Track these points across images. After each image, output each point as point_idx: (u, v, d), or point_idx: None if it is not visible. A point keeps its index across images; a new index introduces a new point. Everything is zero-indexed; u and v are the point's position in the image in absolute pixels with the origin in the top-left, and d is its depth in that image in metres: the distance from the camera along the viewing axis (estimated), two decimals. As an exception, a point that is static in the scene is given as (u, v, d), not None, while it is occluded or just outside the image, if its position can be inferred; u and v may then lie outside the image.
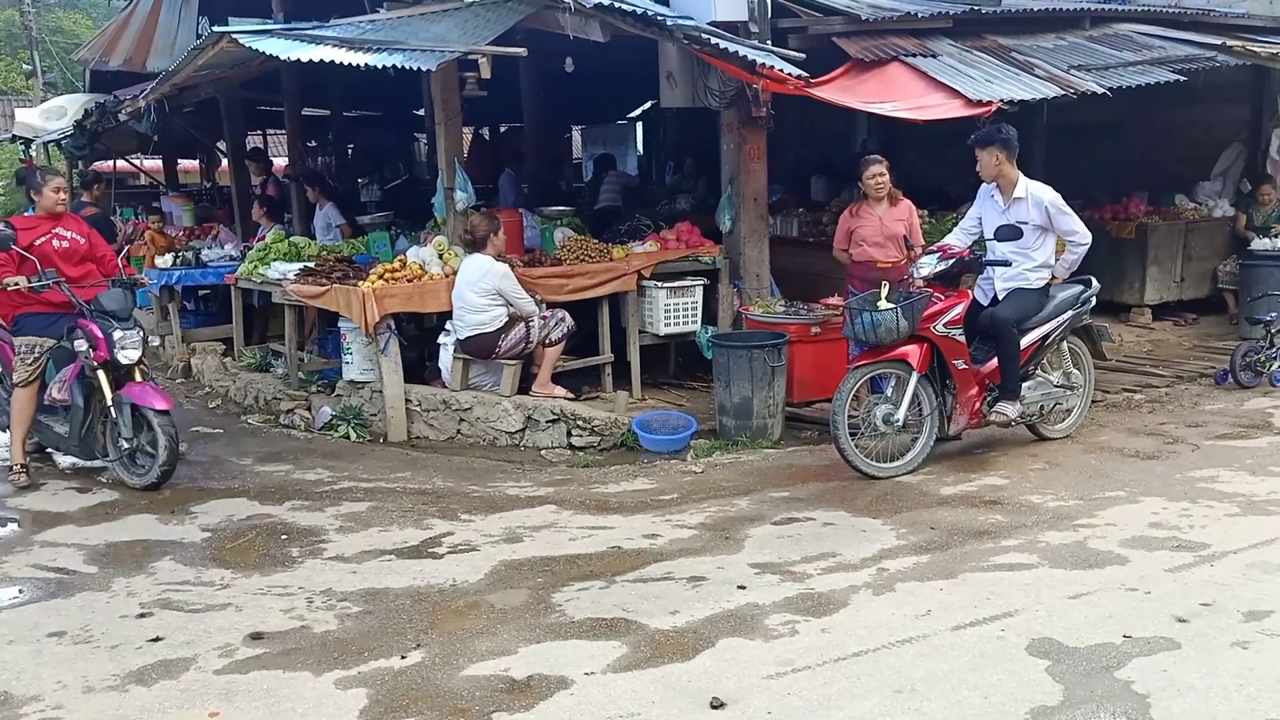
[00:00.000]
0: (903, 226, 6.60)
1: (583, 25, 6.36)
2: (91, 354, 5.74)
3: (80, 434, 5.94)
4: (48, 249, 5.92)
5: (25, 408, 5.99)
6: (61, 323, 5.93)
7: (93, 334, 5.74)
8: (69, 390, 5.88)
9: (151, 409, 5.72)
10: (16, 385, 5.97)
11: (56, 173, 6.06)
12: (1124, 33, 8.57)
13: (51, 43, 32.51)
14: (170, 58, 9.37)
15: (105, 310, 5.85)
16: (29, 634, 4.05)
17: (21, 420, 6.01)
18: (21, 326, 5.96)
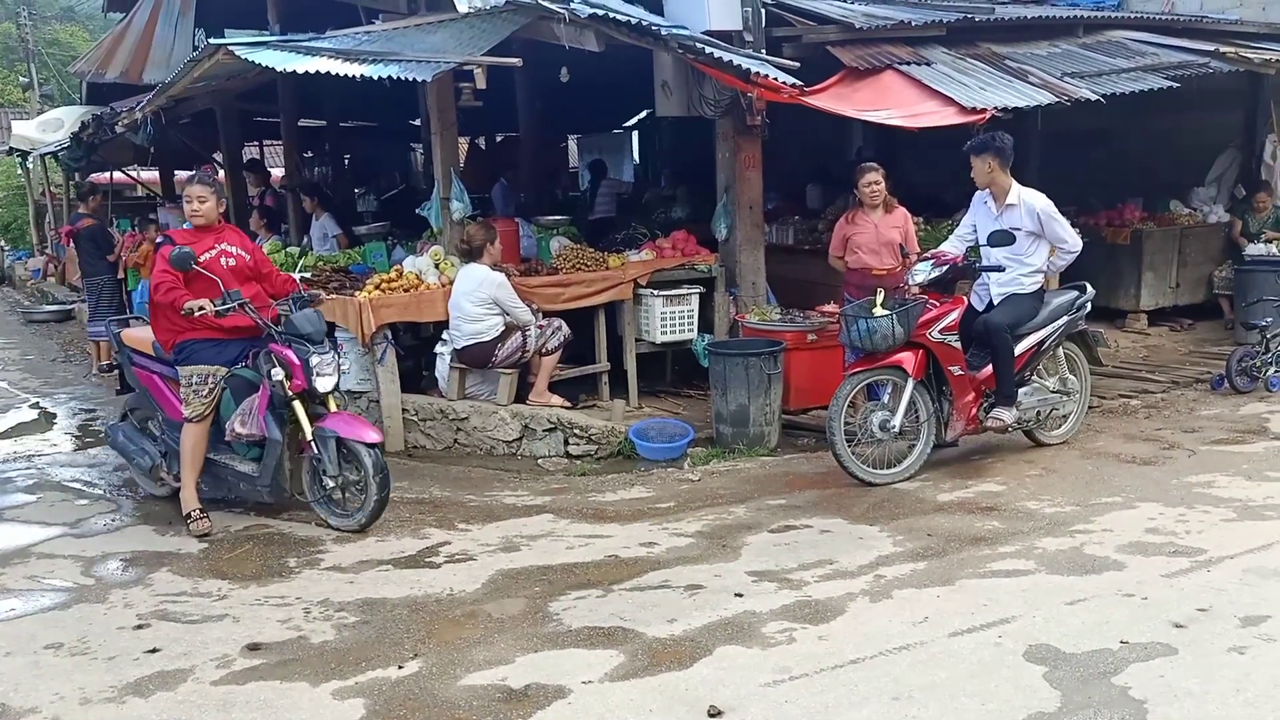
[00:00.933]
0: (898, 234, 6.63)
1: (578, 36, 6.38)
2: (286, 383, 5.10)
3: (274, 473, 5.24)
4: (215, 266, 5.22)
5: (199, 446, 5.28)
6: (232, 349, 5.27)
7: (288, 360, 5.09)
8: (260, 424, 5.14)
9: (361, 442, 5.11)
10: (189, 421, 5.23)
11: (197, 183, 5.36)
12: (1117, 40, 8.61)
13: (48, 55, 32.59)
14: (167, 70, 9.39)
15: (300, 333, 5.18)
16: (26, 646, 4.04)
17: (195, 460, 5.28)
18: (190, 355, 5.23)
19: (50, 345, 12.21)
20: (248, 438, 5.19)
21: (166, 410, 5.53)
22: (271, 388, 5.15)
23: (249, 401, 5.17)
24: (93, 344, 10.17)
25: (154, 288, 5.16)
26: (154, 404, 5.61)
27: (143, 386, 5.68)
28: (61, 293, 15.64)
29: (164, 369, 5.50)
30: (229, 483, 5.44)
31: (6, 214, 21.99)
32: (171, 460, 5.51)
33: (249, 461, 5.35)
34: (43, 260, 18.19)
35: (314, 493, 5.32)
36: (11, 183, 21.59)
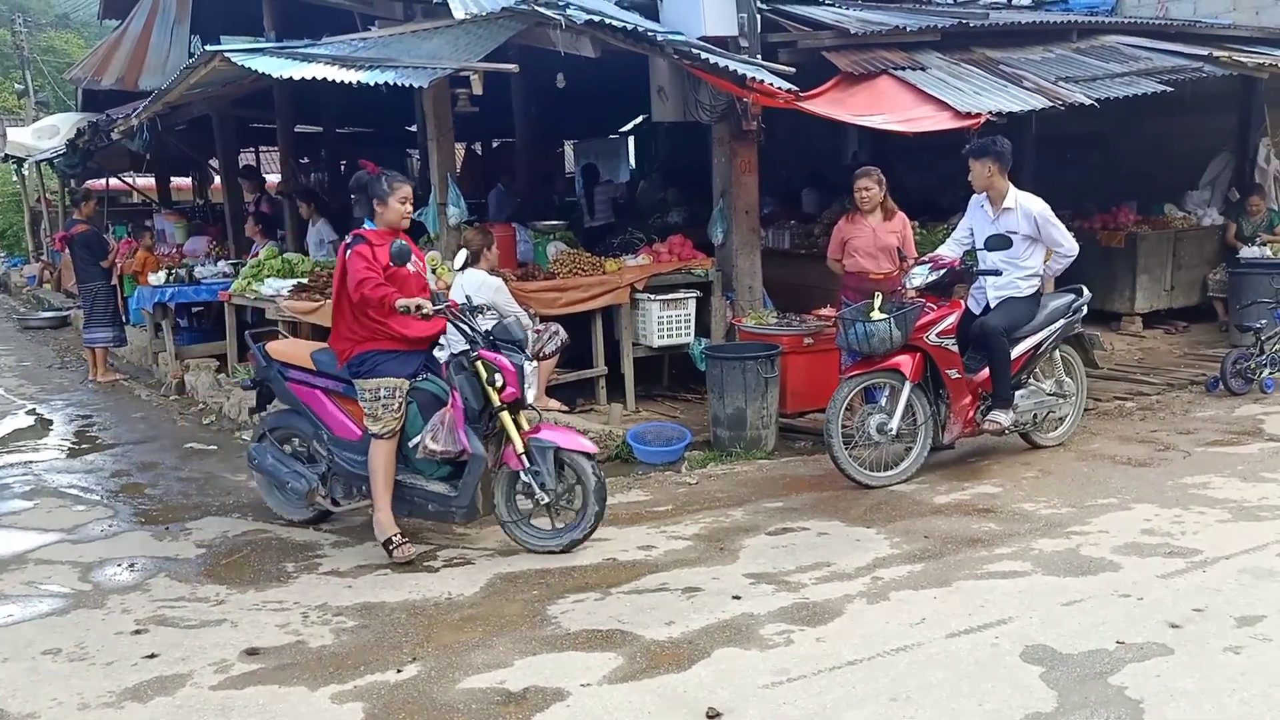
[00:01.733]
0: (896, 238, 6.63)
1: (574, 42, 6.40)
2: (497, 394, 4.79)
3: (474, 492, 4.87)
4: (402, 273, 4.89)
5: (391, 464, 4.90)
6: (413, 361, 4.93)
7: (503, 368, 4.78)
8: (460, 439, 4.74)
9: (582, 453, 4.86)
10: (378, 437, 4.84)
11: (406, 180, 5.04)
12: (1111, 44, 8.65)
13: (43, 62, 32.59)
14: (162, 76, 9.40)
15: (510, 340, 4.93)
16: (24, 651, 4.04)
17: (388, 480, 4.89)
18: (375, 367, 4.84)
19: (46, 352, 12.19)
20: (443, 455, 4.77)
21: (333, 428, 5.08)
22: (465, 400, 4.78)
23: (439, 416, 4.77)
24: (88, 350, 10.17)
25: (358, 283, 4.70)
26: (317, 422, 5.13)
27: (302, 404, 5.16)
28: (57, 299, 15.63)
29: (331, 383, 5.08)
30: (415, 504, 4.97)
31: (2, 221, 21.98)
32: (334, 482, 5.12)
33: (438, 481, 4.93)
34: (38, 267, 18.18)
35: (510, 512, 4.94)
36: (7, 190, 21.57)
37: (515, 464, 4.83)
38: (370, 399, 4.83)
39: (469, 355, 4.82)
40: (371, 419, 4.85)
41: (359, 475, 5.00)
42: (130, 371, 10.46)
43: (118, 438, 7.78)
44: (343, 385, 5.03)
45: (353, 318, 4.87)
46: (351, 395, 4.98)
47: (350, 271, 4.75)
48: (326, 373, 5.09)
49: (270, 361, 5.28)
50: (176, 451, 7.26)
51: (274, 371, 5.25)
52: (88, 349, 10.19)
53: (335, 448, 5.09)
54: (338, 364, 4.99)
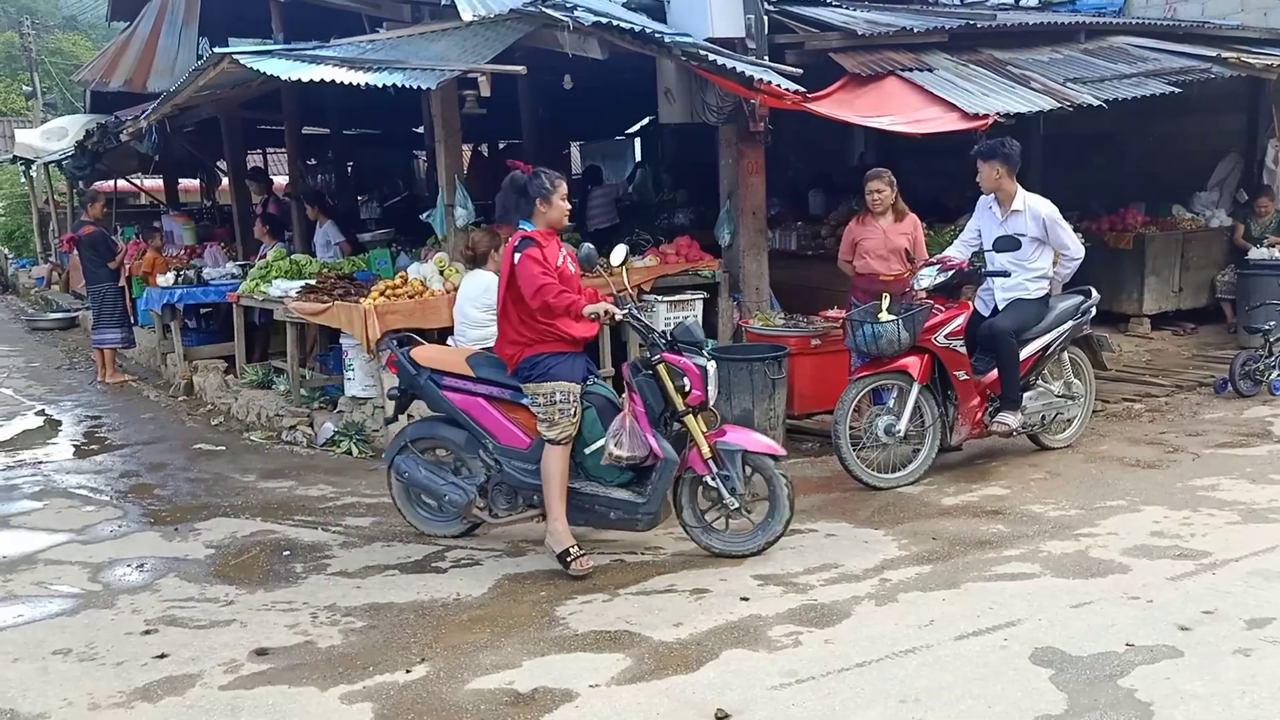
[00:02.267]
0: (906, 240, 6.60)
1: (581, 43, 6.41)
2: (682, 397, 4.65)
3: (661, 498, 4.71)
4: (566, 273, 4.73)
5: (566, 471, 4.69)
6: (580, 364, 4.76)
7: (689, 371, 4.65)
8: (649, 443, 4.60)
9: (770, 455, 4.76)
10: (555, 443, 4.64)
11: (561, 175, 4.85)
12: (1119, 45, 8.63)
13: (51, 64, 32.72)
14: (171, 78, 9.42)
15: (691, 340, 4.79)
16: (34, 651, 4.05)
17: (564, 488, 4.68)
18: (548, 370, 4.65)
19: (55, 353, 12.23)
20: (629, 460, 4.61)
21: (499, 436, 4.86)
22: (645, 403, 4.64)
23: (619, 421, 4.63)
24: (97, 352, 10.20)
25: (537, 290, 4.52)
26: (480, 431, 4.88)
27: (461, 412, 4.91)
28: (65, 300, 15.68)
29: (494, 389, 4.87)
30: (595, 512, 4.76)
31: (10, 222, 22.03)
32: (496, 493, 4.92)
33: (620, 487, 4.75)
34: (46, 268, 18.24)
35: (694, 517, 4.82)
36: (15, 191, 21.64)
37: (701, 468, 4.70)
38: (545, 404, 4.64)
39: (649, 358, 4.67)
40: (547, 424, 4.64)
41: (530, 485, 4.79)
42: (138, 372, 10.49)
43: (126, 438, 7.81)
44: (509, 391, 4.82)
45: (519, 320, 4.69)
46: (517, 401, 4.81)
47: (524, 277, 4.54)
48: (488, 379, 4.88)
49: (420, 369, 5.01)
50: (185, 452, 7.28)
51: (424, 379, 4.98)
52: (96, 350, 10.23)
53: (503, 457, 4.86)
54: (507, 369, 4.79)
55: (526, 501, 4.88)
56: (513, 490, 4.89)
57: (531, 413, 4.75)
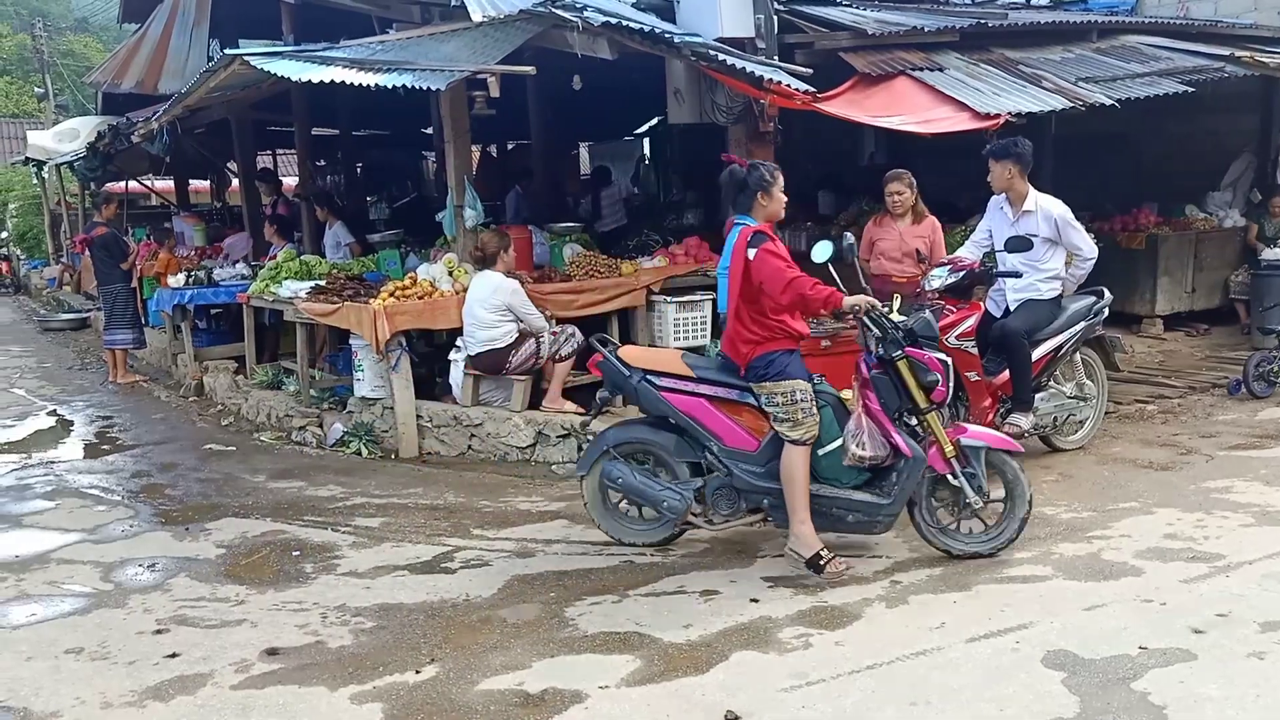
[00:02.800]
0: (923, 243, 6.56)
1: (591, 44, 6.40)
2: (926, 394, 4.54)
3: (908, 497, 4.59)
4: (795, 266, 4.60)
5: (808, 473, 4.50)
6: (801, 360, 4.61)
7: (935, 367, 4.53)
8: (897, 441, 4.50)
9: (1010, 452, 4.66)
10: (798, 444, 4.46)
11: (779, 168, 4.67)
12: (1131, 44, 8.59)
13: (63, 66, 32.88)
14: (181, 80, 9.46)
15: (930, 335, 4.64)
16: (47, 650, 4.07)
17: (807, 490, 4.50)
18: (784, 368, 4.48)
19: (66, 353, 12.29)
20: (872, 460, 4.47)
21: (724, 439, 4.68)
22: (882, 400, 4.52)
23: (856, 420, 4.50)
24: (108, 352, 10.24)
25: (788, 284, 4.35)
26: (704, 433, 4.70)
27: (681, 414, 4.71)
28: (77, 301, 15.76)
29: (718, 390, 4.70)
30: (832, 515, 4.59)
31: (23, 223, 22.16)
32: (718, 498, 4.71)
33: (859, 489, 4.60)
34: (58, 269, 18.34)
35: (928, 517, 4.67)
36: (28, 192, 21.76)
37: (942, 466, 4.58)
38: (784, 403, 4.45)
39: (890, 353, 4.52)
40: (790, 424, 4.45)
41: (760, 488, 4.63)
42: (149, 373, 10.53)
43: (138, 439, 7.84)
44: (731, 391, 4.68)
45: (750, 318, 4.50)
46: (740, 401, 4.66)
47: (769, 272, 4.38)
48: (708, 378, 4.72)
49: (631, 369, 4.80)
50: (196, 452, 7.31)
51: (638, 380, 4.77)
52: (108, 351, 10.27)
53: (729, 460, 4.67)
54: (738, 369, 4.61)
55: (750, 505, 4.71)
56: (735, 494, 4.70)
57: (756, 413, 4.62)
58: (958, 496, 4.63)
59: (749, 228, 4.48)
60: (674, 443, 4.81)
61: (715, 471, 4.73)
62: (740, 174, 4.56)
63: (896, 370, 4.52)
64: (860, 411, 4.51)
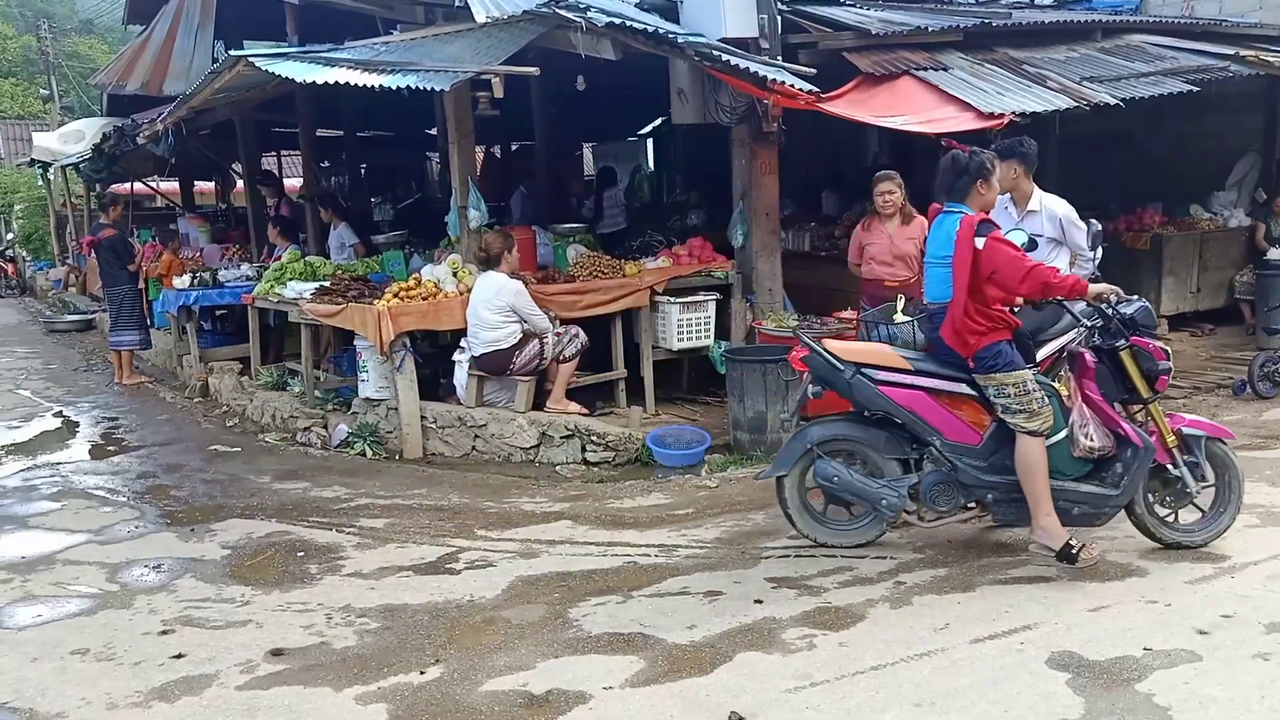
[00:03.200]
0: (914, 245, 6.53)
1: (595, 44, 6.40)
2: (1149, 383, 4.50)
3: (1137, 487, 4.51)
4: None
5: (1046, 463, 4.43)
6: None
7: (1160, 356, 4.50)
8: (1125, 431, 4.45)
9: (1225, 440, 4.62)
10: (1036, 434, 4.38)
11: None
12: (1136, 44, 8.57)
13: (68, 68, 32.97)
14: (187, 81, 9.47)
15: (1150, 324, 4.62)
16: (53, 651, 4.08)
17: (1047, 482, 4.43)
18: (1012, 360, 4.41)
19: (72, 355, 12.32)
20: (1099, 451, 4.43)
21: (946, 432, 4.58)
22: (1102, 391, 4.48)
23: (1079, 411, 4.47)
24: (114, 353, 10.27)
25: (1028, 272, 4.32)
26: (925, 427, 4.59)
27: (902, 408, 4.60)
28: (83, 302, 15.80)
29: (939, 383, 4.60)
30: (1058, 509, 4.47)
31: (28, 225, 22.23)
32: (936, 494, 4.60)
33: (1085, 480, 4.52)
34: (64, 270, 18.39)
35: (1145, 507, 4.59)
36: (33, 194, 21.82)
37: (1162, 455, 4.51)
38: (1017, 394, 4.37)
39: (1114, 342, 4.48)
40: (1026, 415, 4.37)
41: (986, 483, 4.54)
42: (155, 374, 10.56)
43: (143, 440, 7.86)
44: (953, 383, 4.58)
45: (975, 309, 4.41)
46: (961, 394, 4.58)
47: (1004, 260, 4.33)
48: (926, 370, 4.62)
49: (844, 363, 4.67)
50: (201, 453, 7.33)
51: (852, 374, 4.64)
52: (113, 352, 10.30)
53: (952, 454, 4.58)
54: (964, 360, 4.50)
55: (969, 501, 4.64)
56: (955, 490, 4.61)
57: (976, 405, 4.55)
58: (1172, 486, 4.58)
59: (972, 216, 4.41)
60: (883, 438, 4.71)
61: (932, 466, 4.64)
62: (964, 160, 4.52)
63: (1118, 360, 4.48)
64: (1079, 402, 4.47)
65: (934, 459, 4.63)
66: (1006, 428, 4.46)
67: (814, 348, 4.75)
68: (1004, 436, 4.50)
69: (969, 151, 4.55)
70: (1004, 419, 4.45)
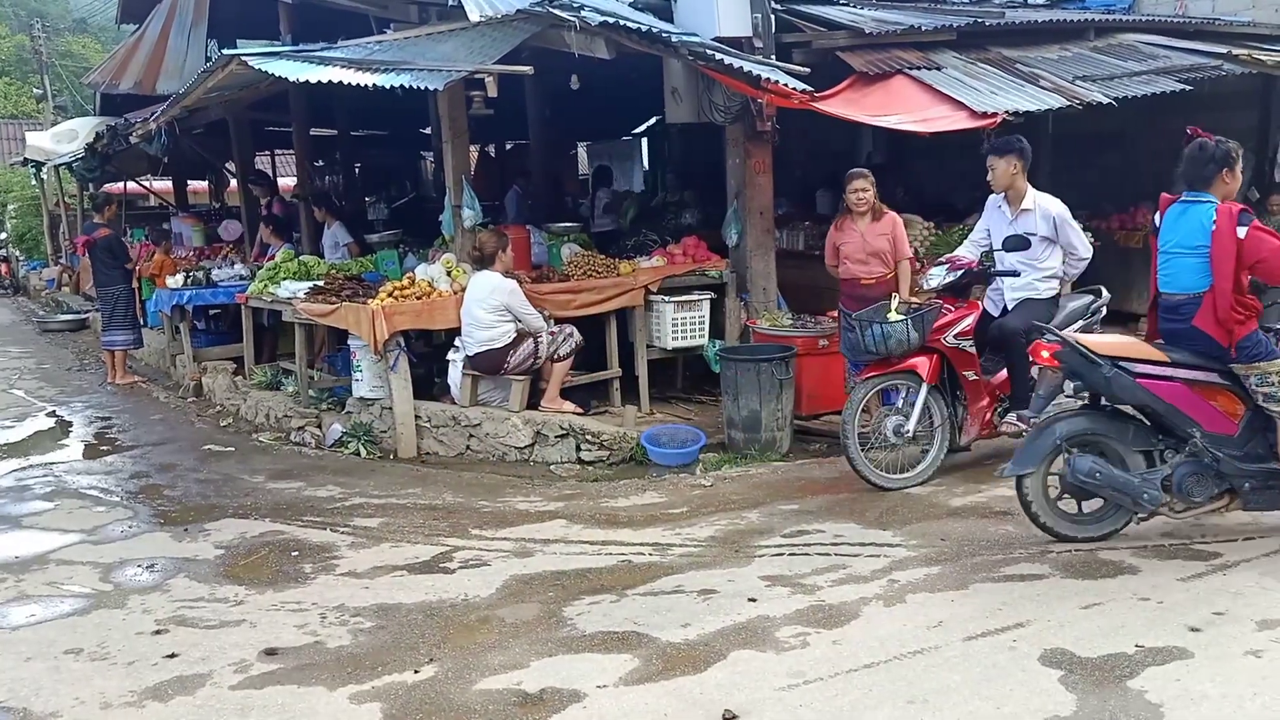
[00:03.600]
0: (886, 241, 6.46)
1: (588, 43, 6.41)
2: None
3: None
4: None
5: None
6: None
7: None
8: None
9: None
10: None
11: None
12: (1128, 43, 8.60)
13: (61, 67, 32.89)
14: (180, 80, 9.47)
15: None
16: (46, 651, 4.08)
17: None
18: (1270, 347, 4.50)
19: (65, 354, 12.29)
20: None
21: (1205, 423, 4.57)
22: None
23: None
24: (107, 353, 10.24)
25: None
26: (1184, 418, 4.55)
27: (1162, 400, 4.56)
28: (76, 302, 15.76)
29: (1195, 374, 4.57)
30: None
31: (21, 224, 22.15)
32: (1192, 485, 4.57)
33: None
34: (57, 270, 18.33)
35: None
36: (26, 194, 21.75)
37: None
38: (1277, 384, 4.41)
39: None
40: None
41: (1245, 471, 4.53)
42: (148, 374, 10.54)
43: (136, 439, 7.84)
44: (1207, 374, 4.57)
45: (1236, 298, 4.42)
46: (1216, 384, 4.56)
47: (1270, 250, 4.35)
48: (1182, 362, 4.58)
49: (1100, 358, 4.59)
50: (195, 453, 7.31)
51: (1109, 368, 4.57)
52: (106, 352, 10.27)
53: (1213, 445, 4.55)
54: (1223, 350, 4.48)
55: (1221, 490, 4.61)
56: (1211, 480, 4.58)
57: (1231, 395, 4.55)
58: None
59: (1228, 205, 4.40)
60: (1130, 431, 4.68)
61: (1183, 457, 4.59)
62: (1211, 148, 4.51)
63: None
64: None
65: (1193, 450, 4.58)
66: (1261, 415, 4.49)
67: (1070, 343, 4.70)
68: (1258, 425, 4.53)
69: (1215, 140, 4.54)
70: (1264, 407, 4.46)
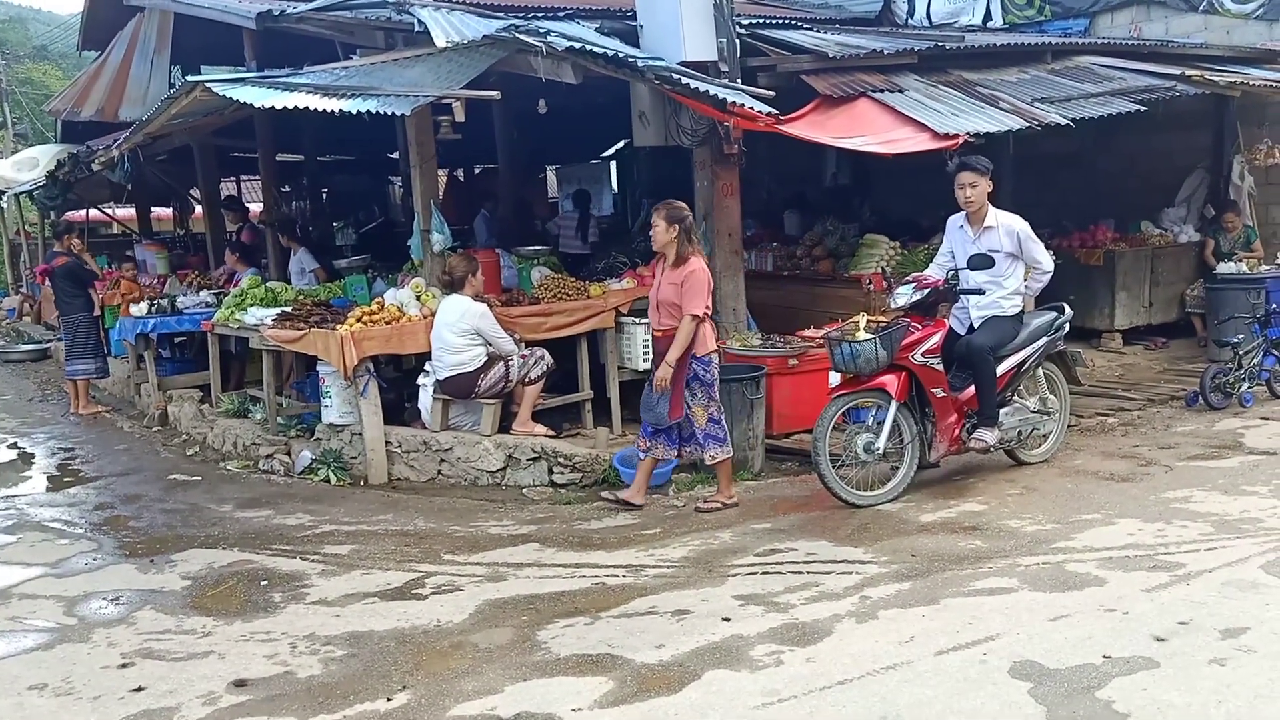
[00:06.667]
0: (674, 292, 5.72)
1: (555, 68, 6.46)
2: None
3: None
4: None
5: None
6: None
7: None
8: None
9: None
10: None
11: None
12: (1085, 65, 8.78)
13: (21, 94, 32.51)
14: (143, 107, 9.40)
15: None
16: (9, 687, 4.00)
17: None
18: None
19: (27, 385, 12.10)
20: None
21: None
22: None
23: None
24: (70, 383, 10.10)
25: None
26: None
27: None
28: (37, 332, 15.54)
29: None
30: None
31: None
32: None
33: None
34: (18, 299, 18.07)
35: None
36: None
37: None
38: None
39: None
40: None
41: None
42: (112, 403, 10.39)
43: (101, 470, 7.73)
44: None
45: None
46: None
47: None
48: None
49: None
50: (160, 483, 7.22)
51: None
52: (69, 381, 10.13)
53: None
54: None
55: None
56: None
57: None
58: None
59: None
60: None
61: None
62: None
63: None
64: None
65: None
66: None
67: None
68: None
69: None
70: None
